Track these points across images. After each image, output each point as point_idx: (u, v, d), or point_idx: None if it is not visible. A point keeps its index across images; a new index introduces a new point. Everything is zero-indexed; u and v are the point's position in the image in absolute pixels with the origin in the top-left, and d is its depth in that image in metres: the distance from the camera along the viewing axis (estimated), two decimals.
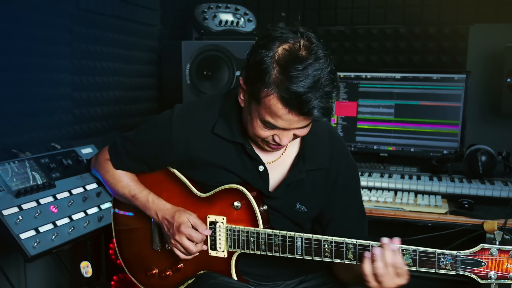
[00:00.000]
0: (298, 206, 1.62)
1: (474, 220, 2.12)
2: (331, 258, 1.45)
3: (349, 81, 2.78)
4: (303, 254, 1.48)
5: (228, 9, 2.82)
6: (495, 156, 2.42)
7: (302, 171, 1.58)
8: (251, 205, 1.55)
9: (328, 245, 1.44)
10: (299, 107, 1.32)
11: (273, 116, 1.37)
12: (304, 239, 1.47)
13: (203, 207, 1.63)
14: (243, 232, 1.55)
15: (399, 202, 2.30)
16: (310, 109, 1.31)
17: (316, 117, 1.34)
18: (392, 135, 2.74)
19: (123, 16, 2.88)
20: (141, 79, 3.13)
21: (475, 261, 1.34)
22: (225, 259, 1.61)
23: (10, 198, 1.76)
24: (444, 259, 1.36)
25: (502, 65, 2.58)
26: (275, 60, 1.33)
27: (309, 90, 1.29)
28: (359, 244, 1.41)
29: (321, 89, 1.31)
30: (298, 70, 1.29)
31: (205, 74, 2.72)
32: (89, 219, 1.97)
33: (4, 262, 2.00)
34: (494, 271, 1.32)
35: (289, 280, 1.73)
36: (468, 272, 1.34)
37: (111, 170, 1.75)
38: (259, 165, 1.59)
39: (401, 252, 1.37)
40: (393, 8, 2.96)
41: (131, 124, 3.03)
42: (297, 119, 1.37)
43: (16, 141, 2.15)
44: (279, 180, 1.62)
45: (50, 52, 2.34)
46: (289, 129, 1.41)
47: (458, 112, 2.59)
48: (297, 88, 1.29)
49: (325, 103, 1.32)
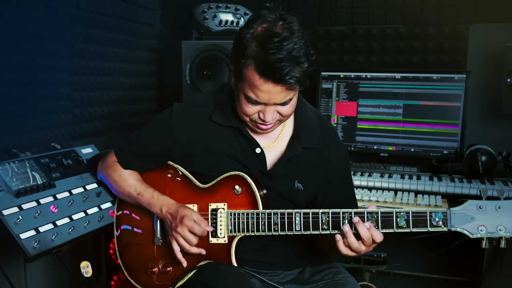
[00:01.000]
0: (296, 184, 1.70)
1: None
2: (328, 229, 1.51)
3: (349, 81, 2.78)
4: (302, 229, 1.54)
5: (228, 9, 2.82)
6: (495, 156, 2.42)
7: (298, 148, 1.68)
8: (251, 189, 1.63)
9: (326, 217, 1.51)
10: (272, 74, 1.43)
11: (253, 89, 1.48)
12: (302, 213, 1.54)
13: (206, 197, 1.70)
14: (243, 215, 1.61)
15: (399, 202, 2.31)
16: (283, 76, 1.42)
17: (289, 84, 1.44)
18: (392, 135, 2.74)
19: (123, 16, 2.88)
20: (141, 79, 3.13)
21: (465, 217, 1.40)
22: (226, 245, 1.64)
23: (10, 198, 1.76)
24: (436, 216, 1.42)
25: (502, 65, 2.58)
26: (254, 36, 1.47)
27: (282, 60, 1.40)
28: (355, 212, 1.49)
29: (293, 59, 1.42)
30: (273, 43, 1.41)
31: (205, 74, 2.72)
32: (89, 219, 1.97)
33: (4, 262, 2.00)
34: (483, 226, 1.39)
35: (288, 270, 1.76)
36: (459, 228, 1.40)
37: (118, 170, 1.81)
38: (256, 147, 1.68)
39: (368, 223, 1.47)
40: (393, 8, 2.96)
41: (131, 124, 3.03)
42: (274, 90, 1.46)
43: (16, 141, 2.15)
44: (277, 158, 1.71)
45: (50, 52, 2.34)
46: (269, 103, 1.51)
47: (458, 112, 2.60)
48: (270, 58, 1.40)
49: (297, 71, 1.43)
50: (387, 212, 1.47)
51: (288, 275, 1.76)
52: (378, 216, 1.47)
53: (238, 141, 1.69)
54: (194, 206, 1.70)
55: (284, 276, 1.76)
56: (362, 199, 2.31)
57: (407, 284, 2.99)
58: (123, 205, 1.87)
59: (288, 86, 1.45)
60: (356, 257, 2.84)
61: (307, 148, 1.70)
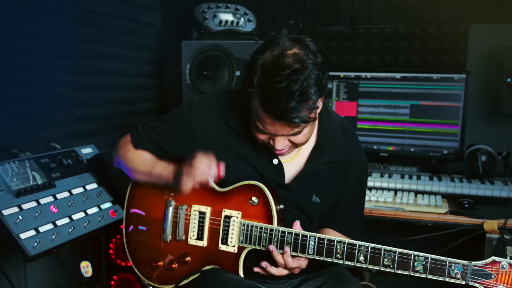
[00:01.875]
0: (313, 198, 1.65)
1: (474, 220, 2.12)
2: (342, 259, 1.47)
3: (349, 81, 2.78)
4: (314, 253, 1.50)
5: (228, 9, 2.81)
6: (495, 156, 2.42)
7: (320, 163, 1.62)
8: (268, 202, 1.57)
9: (341, 246, 1.47)
10: (273, 111, 1.36)
11: (259, 119, 1.43)
12: (318, 238, 1.49)
13: (220, 201, 1.65)
14: (256, 228, 1.57)
15: (399, 202, 2.30)
16: (285, 115, 1.34)
17: (293, 123, 1.37)
18: (392, 135, 2.74)
19: (123, 16, 2.88)
20: (141, 79, 3.13)
21: (485, 273, 1.35)
22: (234, 255, 1.61)
23: (10, 198, 1.77)
24: (455, 267, 1.37)
25: (502, 65, 2.58)
26: (262, 64, 1.38)
27: (286, 96, 1.32)
28: (372, 247, 1.44)
29: (300, 97, 1.32)
30: (278, 76, 1.32)
31: (205, 74, 2.72)
32: (89, 219, 1.97)
33: (4, 262, 2.00)
34: (503, 285, 1.33)
35: (294, 278, 1.75)
36: (478, 284, 1.35)
37: (132, 149, 1.74)
38: (273, 158, 1.62)
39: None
40: (393, 8, 2.96)
41: (131, 124, 3.02)
42: (278, 125, 1.40)
43: (16, 141, 2.15)
44: (296, 172, 1.65)
45: (50, 52, 2.34)
46: (276, 135, 1.45)
47: (458, 112, 2.60)
48: (273, 93, 1.32)
49: (303, 109, 1.35)
50: (406, 254, 1.42)
51: (293, 283, 1.75)
52: (396, 255, 1.43)
53: (255, 149, 1.62)
54: (208, 209, 1.67)
55: (289, 284, 1.74)
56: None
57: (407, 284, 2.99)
58: (134, 198, 1.82)
59: (292, 125, 1.39)
60: None
61: (329, 162, 1.64)
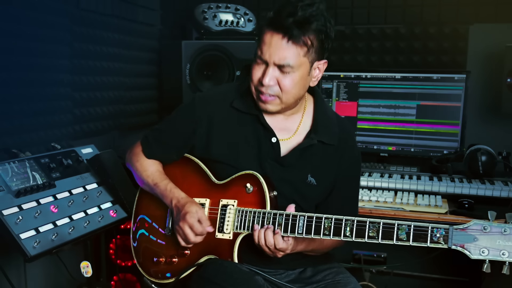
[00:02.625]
0: (309, 178, 1.73)
1: None
2: (329, 235, 1.53)
3: (349, 81, 2.78)
4: (304, 232, 1.56)
5: (228, 9, 2.82)
6: (495, 156, 2.42)
7: (314, 139, 1.72)
8: (262, 189, 1.65)
9: (328, 222, 1.53)
10: (277, 22, 1.54)
11: (261, 45, 1.60)
12: (307, 217, 1.56)
13: (219, 193, 1.74)
14: (250, 213, 1.65)
15: (399, 202, 2.30)
16: (287, 24, 1.52)
17: (291, 34, 1.52)
18: (392, 135, 2.74)
19: (123, 16, 2.88)
20: (141, 79, 3.13)
21: (468, 236, 1.36)
22: (230, 241, 1.66)
23: (10, 198, 1.77)
24: (437, 232, 1.40)
25: (502, 65, 2.58)
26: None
27: (291, 13, 1.52)
28: (357, 221, 1.50)
29: (302, 13, 1.53)
30: (289, 2, 1.55)
31: (205, 74, 2.72)
32: (89, 219, 1.97)
33: (4, 262, 2.00)
34: (486, 247, 1.34)
35: (291, 270, 1.78)
36: (460, 247, 1.36)
37: (140, 160, 1.86)
38: (272, 136, 1.73)
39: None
40: (393, 8, 2.96)
41: (131, 124, 3.03)
42: (275, 42, 1.56)
43: (16, 141, 2.15)
44: (292, 148, 1.75)
45: (50, 52, 2.34)
46: (269, 62, 1.58)
47: (458, 112, 2.59)
48: (281, 9, 1.55)
49: (304, 24, 1.53)
50: (389, 224, 1.46)
51: (290, 275, 1.77)
52: (380, 226, 1.47)
53: (256, 129, 1.74)
54: (207, 201, 1.74)
55: (286, 275, 1.77)
56: (362, 199, 2.30)
57: (407, 284, 2.98)
58: (143, 195, 1.90)
59: (289, 37, 1.53)
60: (356, 257, 2.86)
61: (324, 143, 1.74)
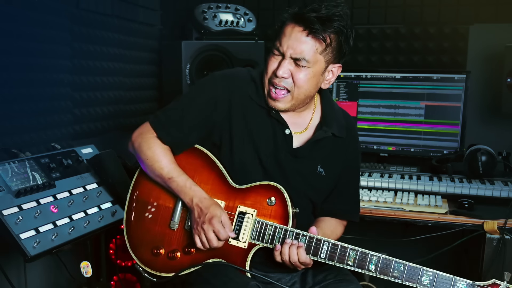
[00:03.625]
0: (318, 169, 1.77)
1: (474, 220, 2.12)
2: (353, 267, 1.51)
3: (349, 81, 2.78)
4: (326, 258, 1.54)
5: (228, 9, 2.82)
6: (495, 156, 2.42)
7: (328, 132, 1.76)
8: (286, 204, 1.63)
9: (353, 254, 1.52)
10: (301, 17, 1.57)
11: (280, 36, 1.62)
12: (331, 244, 1.54)
13: (236, 197, 1.70)
14: (271, 227, 1.62)
15: (399, 202, 2.30)
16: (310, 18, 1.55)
17: (310, 22, 1.55)
18: (392, 135, 2.74)
19: (123, 16, 2.88)
20: (141, 79, 3.13)
21: None
22: (244, 251, 1.64)
23: (10, 198, 1.77)
24: (460, 284, 1.42)
25: (502, 65, 2.58)
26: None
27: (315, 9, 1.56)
28: (383, 258, 1.49)
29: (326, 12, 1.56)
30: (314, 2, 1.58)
31: (205, 74, 2.72)
32: (89, 219, 1.97)
33: (4, 262, 2.00)
34: None
35: (295, 272, 1.77)
36: None
37: (153, 147, 1.72)
38: (285, 128, 1.74)
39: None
40: (393, 8, 2.96)
41: (131, 124, 3.03)
42: (295, 35, 1.58)
43: (16, 141, 2.15)
44: (305, 141, 1.77)
45: (50, 52, 2.34)
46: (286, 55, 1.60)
47: (458, 112, 2.59)
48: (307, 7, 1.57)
49: (325, 21, 1.56)
50: (414, 267, 1.47)
51: (294, 277, 1.78)
52: (405, 268, 1.48)
53: (271, 121, 1.74)
54: (222, 203, 1.69)
55: (290, 278, 1.77)
56: (362, 199, 2.30)
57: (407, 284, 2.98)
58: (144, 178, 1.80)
59: (309, 31, 1.56)
60: None
61: (335, 135, 1.77)
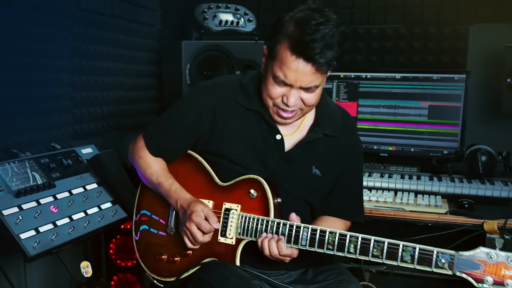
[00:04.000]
0: (313, 170, 1.74)
1: (474, 220, 2.12)
2: (333, 250, 1.51)
3: (349, 81, 2.78)
4: (307, 245, 1.55)
5: (228, 9, 2.82)
6: (495, 156, 2.41)
7: (319, 133, 1.73)
8: (266, 195, 1.63)
9: (332, 237, 1.51)
10: (303, 51, 1.48)
11: (283, 67, 1.53)
12: (311, 229, 1.55)
13: (222, 195, 1.71)
14: (253, 220, 1.63)
15: (399, 202, 2.30)
16: (314, 54, 1.48)
17: (319, 64, 1.49)
18: (392, 135, 2.74)
19: (123, 16, 2.88)
20: (141, 79, 3.13)
21: (473, 263, 1.34)
22: (232, 246, 1.66)
23: (10, 198, 1.77)
24: (442, 257, 1.37)
25: (502, 65, 2.58)
26: (294, 18, 1.53)
27: (316, 40, 1.47)
28: (362, 238, 1.47)
29: (327, 42, 1.48)
30: (310, 25, 1.48)
31: (205, 74, 2.72)
32: (89, 219, 1.97)
33: (4, 262, 2.00)
34: (490, 276, 1.31)
35: (293, 270, 1.77)
36: (465, 274, 1.34)
37: (144, 156, 1.82)
38: (276, 133, 1.71)
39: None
40: (393, 8, 2.96)
41: (131, 124, 3.03)
42: (302, 70, 1.51)
43: (16, 141, 2.15)
44: (297, 142, 1.74)
45: (50, 52, 2.34)
46: (295, 86, 1.54)
47: (458, 112, 2.59)
48: (305, 37, 1.47)
49: (329, 54, 1.49)
50: (394, 244, 1.44)
51: (292, 275, 1.77)
52: (385, 246, 1.44)
53: (260, 127, 1.72)
54: (210, 203, 1.72)
55: (288, 276, 1.76)
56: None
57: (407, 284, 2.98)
58: (145, 189, 1.88)
59: (317, 66, 1.50)
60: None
61: (327, 135, 1.74)
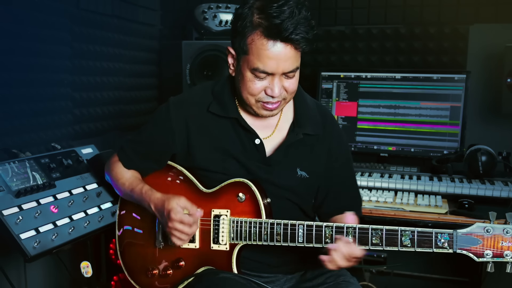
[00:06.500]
0: (299, 172, 1.69)
1: (474, 220, 2.10)
2: (331, 243, 1.49)
3: (349, 81, 2.78)
4: (304, 241, 1.52)
5: (228, 9, 2.82)
6: (495, 156, 2.41)
7: (299, 134, 1.67)
8: (255, 197, 1.60)
9: (329, 230, 1.50)
10: (279, 33, 1.44)
11: (261, 57, 1.48)
12: (306, 225, 1.52)
13: (209, 202, 1.66)
14: (245, 223, 1.59)
15: (399, 202, 2.30)
16: (290, 33, 1.43)
17: (297, 42, 1.46)
18: (392, 135, 2.74)
19: (123, 16, 2.88)
20: (141, 79, 3.13)
21: (471, 239, 1.37)
22: (227, 253, 1.62)
23: (10, 198, 1.77)
24: (442, 237, 1.40)
25: (502, 65, 2.58)
26: (253, 7, 1.49)
27: (285, 20, 1.43)
28: (359, 228, 1.47)
29: (296, 20, 1.44)
30: (274, 8, 1.44)
31: (205, 74, 2.72)
32: (89, 219, 1.97)
33: (4, 262, 2.00)
34: (490, 249, 1.35)
35: (290, 274, 1.75)
36: (465, 251, 1.37)
37: (116, 168, 1.79)
38: (255, 138, 1.66)
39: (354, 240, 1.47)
40: (393, 8, 2.96)
41: (131, 124, 3.03)
42: (283, 54, 1.47)
43: (16, 141, 2.15)
44: (277, 146, 1.69)
45: (50, 52, 2.34)
46: (276, 73, 1.50)
47: (458, 112, 2.59)
48: (275, 20, 1.43)
49: (303, 30, 1.45)
50: (392, 230, 1.44)
51: (290, 280, 1.75)
52: (383, 233, 1.45)
53: (237, 133, 1.67)
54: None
55: (286, 280, 1.75)
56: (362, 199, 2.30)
57: (407, 284, 2.99)
58: (126, 204, 1.84)
59: (295, 44, 1.46)
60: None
61: (308, 134, 1.69)
